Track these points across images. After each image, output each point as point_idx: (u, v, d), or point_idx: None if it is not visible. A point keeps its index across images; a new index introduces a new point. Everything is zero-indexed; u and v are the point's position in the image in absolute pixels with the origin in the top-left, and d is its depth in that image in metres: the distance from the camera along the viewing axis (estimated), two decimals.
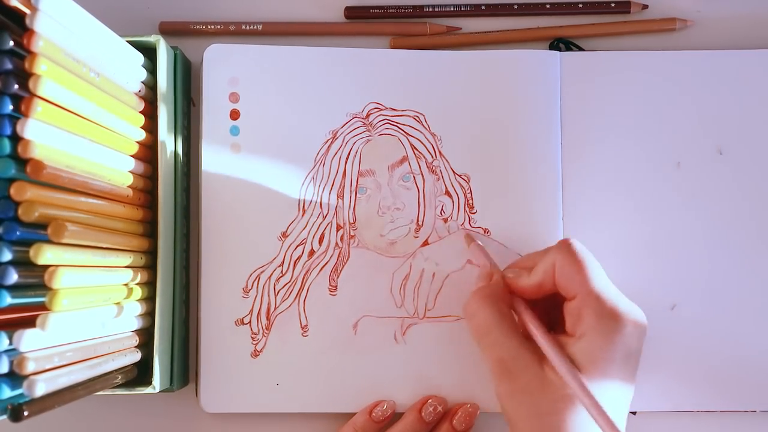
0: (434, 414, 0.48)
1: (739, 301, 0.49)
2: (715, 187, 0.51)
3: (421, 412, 0.48)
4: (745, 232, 0.51)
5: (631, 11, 0.52)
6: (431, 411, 0.48)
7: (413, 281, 0.50)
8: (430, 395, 0.49)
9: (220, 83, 0.51)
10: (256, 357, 0.49)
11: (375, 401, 0.49)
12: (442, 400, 0.49)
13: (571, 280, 0.42)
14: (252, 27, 0.52)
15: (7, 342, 0.35)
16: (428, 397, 0.49)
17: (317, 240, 0.50)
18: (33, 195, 0.35)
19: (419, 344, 0.50)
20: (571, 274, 0.42)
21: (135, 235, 0.45)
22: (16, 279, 0.34)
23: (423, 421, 0.48)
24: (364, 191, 0.51)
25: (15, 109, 0.35)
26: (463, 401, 0.49)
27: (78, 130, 0.39)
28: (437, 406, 0.48)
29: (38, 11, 0.35)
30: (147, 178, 0.47)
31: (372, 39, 0.53)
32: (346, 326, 0.50)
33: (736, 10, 0.53)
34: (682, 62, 0.51)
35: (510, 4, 0.53)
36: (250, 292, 0.50)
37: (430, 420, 0.48)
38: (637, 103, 0.51)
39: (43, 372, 0.36)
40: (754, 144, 0.51)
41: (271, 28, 0.52)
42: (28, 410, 0.35)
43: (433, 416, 0.48)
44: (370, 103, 0.51)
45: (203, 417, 0.50)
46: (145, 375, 0.45)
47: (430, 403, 0.48)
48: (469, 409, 0.49)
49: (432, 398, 0.49)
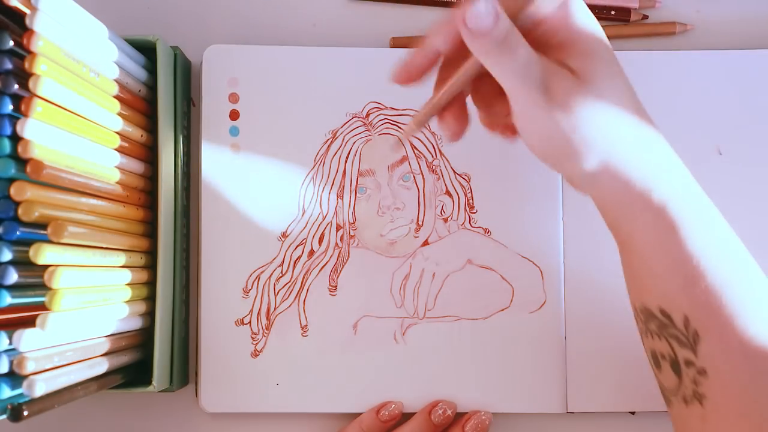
0: (444, 417, 0.48)
1: None
2: (715, 187, 0.51)
3: (430, 414, 0.48)
4: (745, 232, 0.50)
5: (630, 20, 0.52)
6: (441, 414, 0.48)
7: (413, 281, 0.50)
8: (440, 399, 0.49)
9: (220, 84, 0.51)
10: (256, 357, 0.49)
11: (383, 402, 0.49)
12: (452, 404, 0.49)
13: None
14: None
15: (7, 342, 0.35)
16: (438, 401, 0.49)
17: (317, 240, 0.50)
18: (33, 195, 0.35)
19: (419, 344, 0.50)
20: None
21: (135, 235, 0.45)
22: (16, 279, 0.34)
23: (432, 423, 0.48)
24: (364, 191, 0.51)
25: (15, 109, 0.35)
26: (465, 402, 0.49)
27: (78, 130, 0.39)
28: (446, 410, 0.48)
29: (38, 11, 0.35)
30: (147, 178, 0.47)
31: (372, 39, 0.53)
32: (346, 326, 0.50)
33: (735, 11, 0.53)
34: (681, 62, 0.51)
35: None
36: (250, 292, 0.50)
37: (439, 423, 0.48)
38: None
39: (42, 372, 0.36)
40: (754, 144, 0.51)
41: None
42: (27, 410, 0.35)
43: (442, 419, 0.48)
44: (369, 102, 0.51)
45: (203, 417, 0.50)
46: (145, 375, 0.45)
47: (440, 407, 0.48)
48: (482, 417, 0.48)
49: (442, 401, 0.49)
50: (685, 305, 0.40)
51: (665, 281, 0.40)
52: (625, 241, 0.42)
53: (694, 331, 0.39)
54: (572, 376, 0.50)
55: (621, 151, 0.38)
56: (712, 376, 0.39)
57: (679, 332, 0.40)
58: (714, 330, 0.39)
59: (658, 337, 0.41)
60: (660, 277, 0.40)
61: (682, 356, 0.40)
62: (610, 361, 0.47)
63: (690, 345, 0.40)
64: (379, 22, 0.53)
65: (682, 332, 0.40)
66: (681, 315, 0.40)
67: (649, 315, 0.42)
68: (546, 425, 0.50)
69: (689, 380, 0.40)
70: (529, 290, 0.50)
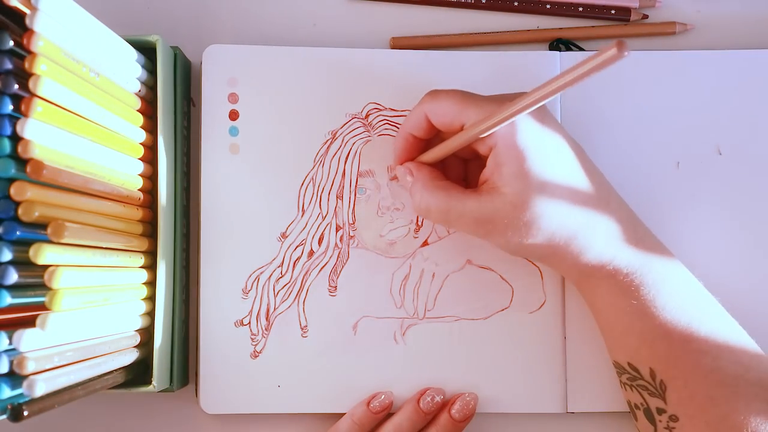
0: (432, 404, 0.48)
1: (739, 301, 0.49)
2: (715, 188, 0.51)
3: (419, 402, 0.48)
4: (745, 232, 0.51)
5: (630, 19, 0.52)
6: (429, 401, 0.48)
7: (413, 281, 0.50)
8: (428, 387, 0.49)
9: (220, 84, 0.51)
10: (256, 358, 0.49)
11: (372, 393, 0.49)
12: (440, 390, 0.49)
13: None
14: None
15: (7, 342, 0.35)
16: (426, 389, 0.49)
17: (317, 240, 0.50)
18: (33, 195, 0.35)
19: (419, 345, 0.50)
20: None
21: (135, 235, 0.45)
22: (16, 279, 0.34)
23: (422, 411, 0.48)
24: (364, 191, 0.51)
25: (15, 109, 0.35)
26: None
27: (78, 130, 0.39)
28: (435, 396, 0.48)
29: (38, 11, 0.35)
30: (147, 178, 0.47)
31: (372, 39, 0.53)
32: (345, 327, 0.50)
33: (735, 11, 0.53)
34: (681, 62, 0.51)
35: (510, 0, 0.53)
36: (249, 293, 0.50)
37: (429, 410, 0.48)
38: (637, 103, 0.51)
39: (42, 372, 0.36)
40: (754, 144, 0.51)
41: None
42: (28, 410, 0.35)
43: (431, 406, 0.48)
44: (369, 103, 0.51)
45: (203, 417, 0.50)
46: (145, 375, 0.45)
47: (428, 393, 0.49)
48: (467, 399, 0.49)
49: (430, 389, 0.49)
50: (648, 359, 0.44)
51: (627, 339, 0.44)
52: (590, 304, 0.46)
53: (660, 381, 0.44)
54: (572, 376, 0.50)
55: (569, 235, 0.43)
56: (682, 420, 0.43)
57: (647, 383, 0.44)
58: (678, 379, 0.43)
59: (631, 388, 0.45)
60: (622, 335, 0.45)
61: (654, 405, 0.44)
62: (610, 361, 0.47)
63: (659, 394, 0.44)
64: (379, 22, 0.53)
65: (650, 383, 0.44)
66: (647, 368, 0.44)
67: (620, 368, 0.46)
68: (546, 425, 0.50)
69: (663, 427, 0.44)
70: (529, 290, 0.50)
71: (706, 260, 0.50)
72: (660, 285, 0.44)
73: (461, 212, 0.43)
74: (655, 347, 0.43)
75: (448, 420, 0.48)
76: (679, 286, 0.44)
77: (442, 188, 0.44)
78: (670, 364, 0.43)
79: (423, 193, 0.45)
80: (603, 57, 0.33)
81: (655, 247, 0.45)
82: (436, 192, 0.44)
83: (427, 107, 0.44)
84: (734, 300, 0.50)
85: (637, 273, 0.44)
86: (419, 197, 0.45)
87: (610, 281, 0.44)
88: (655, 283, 0.44)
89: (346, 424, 0.48)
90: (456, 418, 0.48)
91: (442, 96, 0.44)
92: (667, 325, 0.43)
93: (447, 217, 0.44)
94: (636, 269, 0.44)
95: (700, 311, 0.44)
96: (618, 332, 0.45)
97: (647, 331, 0.43)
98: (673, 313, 0.43)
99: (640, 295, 0.43)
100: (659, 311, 0.43)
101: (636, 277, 0.44)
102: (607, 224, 0.44)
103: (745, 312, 0.49)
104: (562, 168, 0.43)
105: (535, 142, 0.42)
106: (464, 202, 0.43)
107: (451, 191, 0.44)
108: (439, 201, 0.44)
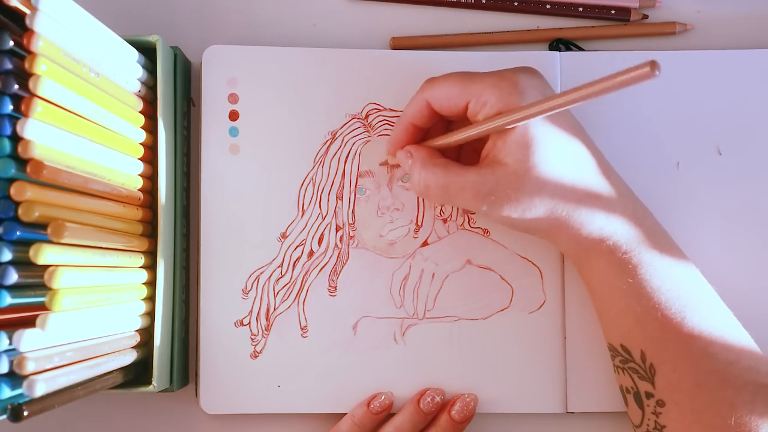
0: (432, 404, 0.48)
1: (739, 300, 0.49)
2: (715, 187, 0.51)
3: (419, 403, 0.48)
4: (745, 232, 0.51)
5: (630, 19, 0.52)
6: (429, 402, 0.48)
7: (413, 282, 0.50)
8: (428, 387, 0.49)
9: (219, 84, 0.51)
10: (256, 358, 0.49)
11: (372, 394, 0.49)
12: (440, 391, 0.49)
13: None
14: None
15: (7, 342, 0.35)
16: (426, 389, 0.49)
17: (317, 241, 0.50)
18: (33, 195, 0.35)
19: (419, 345, 0.50)
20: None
21: (135, 235, 0.45)
22: (16, 279, 0.34)
23: (422, 412, 0.48)
24: (364, 192, 0.51)
25: (15, 109, 0.35)
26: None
27: (78, 130, 0.39)
28: (435, 397, 0.49)
29: (38, 11, 0.35)
30: (147, 178, 0.47)
31: (372, 39, 0.53)
32: (345, 327, 0.50)
33: (735, 11, 0.53)
34: (681, 62, 0.51)
35: (510, 0, 0.53)
36: (249, 293, 0.50)
37: (429, 411, 0.48)
38: (637, 103, 0.51)
39: (42, 372, 0.36)
40: (754, 144, 0.51)
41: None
42: (28, 410, 0.35)
43: (431, 407, 0.48)
44: (369, 103, 0.51)
45: (203, 417, 0.50)
46: (145, 375, 0.45)
47: (428, 394, 0.49)
48: (467, 399, 0.49)
49: (430, 389, 0.49)
50: (640, 341, 0.44)
51: (621, 319, 0.44)
52: (587, 283, 0.46)
53: (651, 364, 0.44)
54: (572, 376, 0.50)
55: (570, 206, 0.43)
56: (669, 405, 0.43)
57: (638, 366, 0.44)
58: (668, 363, 0.43)
59: (623, 371, 0.45)
60: (617, 316, 0.45)
61: (643, 389, 0.44)
62: (610, 361, 0.47)
63: (648, 378, 0.44)
64: (379, 22, 0.53)
65: (640, 366, 0.44)
66: (638, 350, 0.44)
67: (614, 350, 0.46)
68: (546, 425, 0.50)
69: (650, 412, 0.44)
70: (529, 290, 0.50)
71: (705, 260, 0.50)
72: (657, 266, 0.44)
73: (462, 186, 0.43)
74: (647, 329, 0.43)
75: (448, 421, 0.48)
76: (675, 270, 0.44)
77: (441, 165, 0.44)
78: (661, 347, 0.43)
79: (422, 171, 0.45)
80: (635, 73, 0.34)
81: (654, 228, 0.45)
82: (434, 169, 0.44)
83: (428, 94, 0.45)
84: (734, 299, 0.50)
85: (635, 251, 0.44)
86: (418, 175, 0.45)
87: (609, 257, 0.44)
88: (652, 262, 0.44)
89: (347, 425, 0.48)
90: (456, 419, 0.48)
91: (441, 80, 0.45)
92: (661, 306, 0.43)
93: (447, 192, 0.44)
94: (634, 248, 0.44)
95: (696, 296, 0.44)
96: (613, 312, 0.45)
97: (641, 312, 0.43)
98: (668, 296, 0.43)
99: (637, 274, 0.43)
100: (654, 292, 0.43)
101: (634, 255, 0.44)
102: (608, 199, 0.44)
103: (745, 311, 0.49)
104: (565, 139, 0.43)
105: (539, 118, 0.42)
106: (464, 176, 0.43)
107: (450, 167, 0.44)
108: (438, 177, 0.44)
